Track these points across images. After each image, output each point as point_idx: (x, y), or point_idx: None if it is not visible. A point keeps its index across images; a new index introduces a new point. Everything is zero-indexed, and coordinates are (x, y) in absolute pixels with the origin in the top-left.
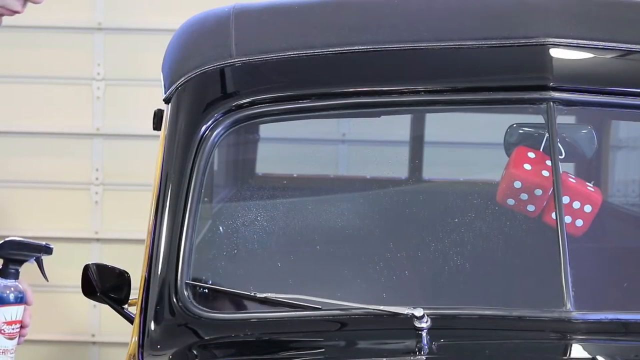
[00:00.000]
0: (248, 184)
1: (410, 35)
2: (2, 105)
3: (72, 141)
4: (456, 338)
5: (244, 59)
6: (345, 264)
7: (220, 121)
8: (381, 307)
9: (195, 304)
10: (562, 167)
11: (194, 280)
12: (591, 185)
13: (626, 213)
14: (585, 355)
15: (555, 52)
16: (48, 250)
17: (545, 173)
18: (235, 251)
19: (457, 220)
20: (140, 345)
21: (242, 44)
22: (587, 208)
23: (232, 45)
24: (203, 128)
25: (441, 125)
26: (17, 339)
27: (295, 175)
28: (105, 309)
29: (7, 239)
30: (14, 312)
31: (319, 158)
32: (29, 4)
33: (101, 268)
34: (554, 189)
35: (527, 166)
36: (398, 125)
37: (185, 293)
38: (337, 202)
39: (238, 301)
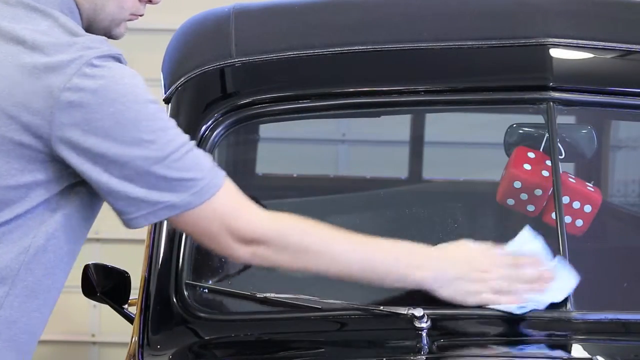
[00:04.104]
0: (248, 184)
1: (410, 35)
2: None
3: None
4: (456, 338)
5: (244, 59)
6: None
7: (220, 121)
8: (381, 307)
9: (195, 304)
10: (562, 167)
11: (194, 280)
12: (591, 185)
13: (626, 213)
14: (585, 355)
15: (555, 52)
16: None
17: (545, 173)
18: None
19: (457, 220)
20: (140, 345)
21: (242, 44)
22: (587, 208)
23: (232, 45)
24: (203, 128)
25: (441, 125)
26: None
27: (295, 175)
28: (105, 309)
29: None
30: None
31: (319, 158)
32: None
33: (101, 268)
34: (554, 189)
35: (527, 166)
36: (398, 125)
37: (185, 293)
38: (337, 202)
39: (238, 301)
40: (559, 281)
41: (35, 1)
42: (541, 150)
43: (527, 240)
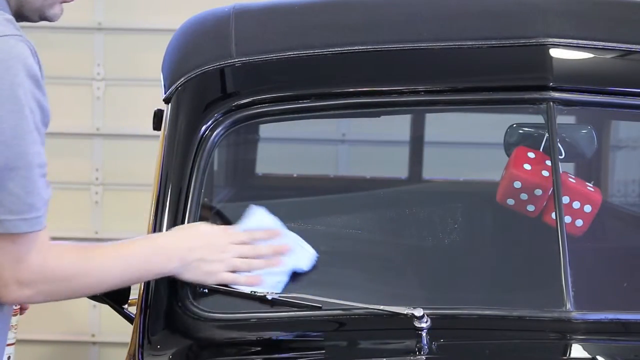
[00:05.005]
0: (248, 184)
1: (410, 35)
2: None
3: (72, 141)
4: (456, 338)
5: (244, 59)
6: (345, 264)
7: (220, 121)
8: (381, 307)
9: (195, 304)
10: (562, 167)
11: None
12: (591, 185)
13: (626, 213)
14: (585, 355)
15: (555, 52)
16: None
17: (545, 173)
18: None
19: (456, 220)
20: (140, 345)
21: (242, 44)
22: (587, 208)
23: (232, 45)
24: (203, 128)
25: (441, 125)
26: (18, 315)
27: (295, 175)
28: (105, 309)
29: None
30: None
31: (319, 158)
32: None
33: None
34: (554, 189)
35: (527, 166)
36: (398, 125)
37: (185, 293)
38: (337, 202)
39: (238, 301)
40: (296, 254)
41: None
42: (541, 150)
43: (262, 217)
